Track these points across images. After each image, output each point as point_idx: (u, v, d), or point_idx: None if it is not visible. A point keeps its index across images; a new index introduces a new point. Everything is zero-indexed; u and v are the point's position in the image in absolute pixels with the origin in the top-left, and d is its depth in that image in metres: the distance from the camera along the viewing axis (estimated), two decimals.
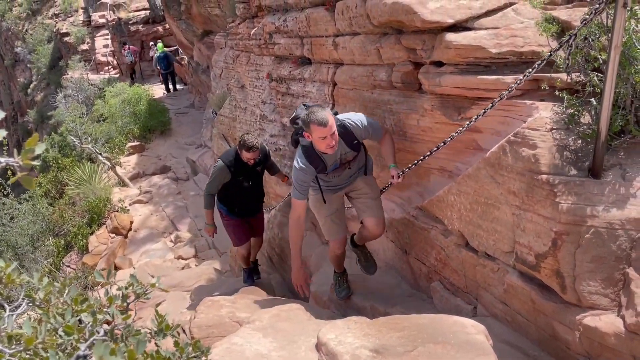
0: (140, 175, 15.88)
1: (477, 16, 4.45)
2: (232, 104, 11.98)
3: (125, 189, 14.89)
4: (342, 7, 5.83)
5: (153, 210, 13.44)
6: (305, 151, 4.63)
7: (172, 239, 12.00)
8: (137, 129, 18.18)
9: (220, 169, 6.46)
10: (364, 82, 5.72)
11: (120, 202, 13.57)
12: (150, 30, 27.94)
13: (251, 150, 6.26)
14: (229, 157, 6.52)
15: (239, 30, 10.95)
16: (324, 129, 4.30)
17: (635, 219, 3.24)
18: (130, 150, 17.40)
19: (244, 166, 6.48)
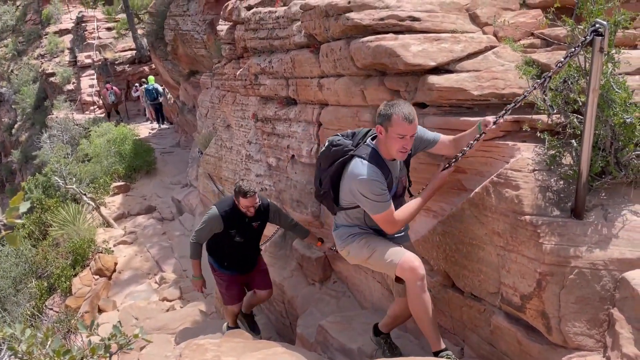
0: (125, 216, 15.78)
1: (458, 59, 4.54)
2: (218, 143, 12.01)
3: (109, 229, 14.78)
4: (326, 50, 5.91)
5: (138, 251, 13.32)
6: (372, 156, 3.90)
7: (156, 280, 11.87)
8: (122, 168, 18.12)
9: (212, 217, 5.97)
10: (349, 122, 5.76)
11: (104, 243, 13.45)
12: (136, 71, 28.12)
13: (248, 196, 5.77)
14: (224, 206, 6.03)
15: (225, 71, 11.05)
16: (408, 125, 3.69)
17: (617, 260, 3.27)
18: (115, 190, 17.31)
19: (240, 219, 5.98)
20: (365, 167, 3.82)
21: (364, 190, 3.82)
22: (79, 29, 32.33)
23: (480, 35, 4.79)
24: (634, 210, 3.46)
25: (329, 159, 4.11)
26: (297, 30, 6.73)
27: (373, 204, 3.85)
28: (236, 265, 6.36)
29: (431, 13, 4.93)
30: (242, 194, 5.78)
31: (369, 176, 3.79)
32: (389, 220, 3.93)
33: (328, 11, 5.59)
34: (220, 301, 8.72)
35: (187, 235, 13.55)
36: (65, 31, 34.02)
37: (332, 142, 4.15)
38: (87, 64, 29.87)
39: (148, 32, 21.53)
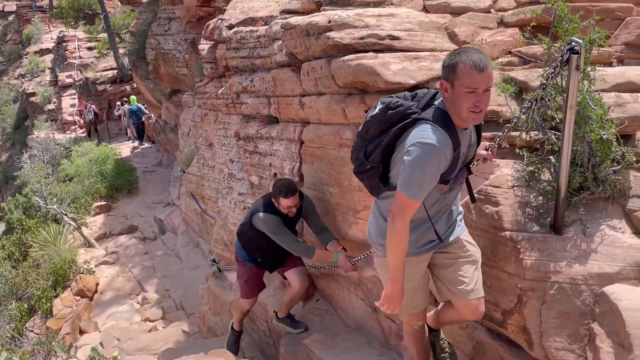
0: (107, 236, 15.65)
1: (437, 77, 4.56)
2: (200, 162, 11.98)
3: (91, 249, 14.64)
4: (307, 68, 5.94)
5: (119, 271, 13.20)
6: (442, 119, 3.03)
7: (139, 300, 11.77)
8: (103, 188, 18.01)
9: (274, 220, 5.56)
10: (331, 140, 5.78)
11: (85, 263, 13.31)
12: (117, 90, 28.05)
13: (289, 195, 5.36)
14: (267, 209, 5.63)
15: (207, 90, 11.05)
16: (479, 75, 2.85)
17: (597, 274, 3.30)
18: (96, 210, 17.19)
19: (283, 217, 5.63)
20: (437, 132, 2.96)
21: (416, 159, 2.95)
22: (60, 48, 32.24)
23: None
24: (612, 225, 3.51)
25: (382, 124, 3.24)
26: (278, 49, 6.77)
27: (409, 181, 3.00)
28: (268, 262, 6.11)
29: (410, 32, 4.98)
30: (283, 194, 5.35)
31: (439, 143, 2.94)
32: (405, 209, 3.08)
33: (309, 30, 5.63)
34: (203, 320, 8.66)
35: (169, 254, 13.50)
36: (46, 51, 33.93)
37: (389, 103, 3.23)
38: (68, 83, 29.77)
39: (129, 52, 21.54)
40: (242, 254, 6.17)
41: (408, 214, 3.08)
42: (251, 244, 6.04)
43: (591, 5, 4.66)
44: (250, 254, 6.11)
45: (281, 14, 7.05)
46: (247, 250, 6.12)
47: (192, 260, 12.36)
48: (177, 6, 17.07)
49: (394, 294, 3.31)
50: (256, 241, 5.93)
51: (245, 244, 6.11)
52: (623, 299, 3.18)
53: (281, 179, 5.64)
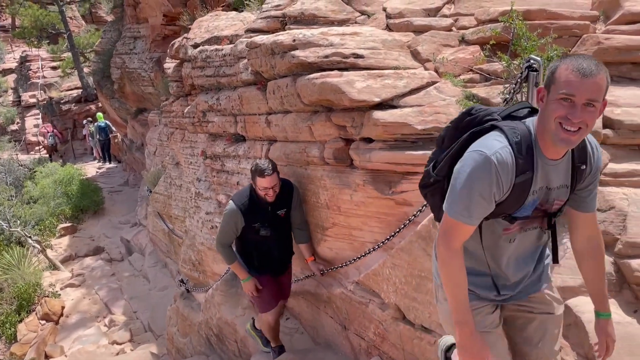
0: (73, 258, 15.41)
1: (402, 94, 4.64)
2: (167, 181, 11.90)
3: (56, 272, 14.40)
4: (273, 87, 5.96)
5: (86, 294, 13.00)
6: (521, 132, 2.46)
7: (106, 323, 11.59)
8: (69, 209, 17.76)
9: (230, 213, 5.26)
10: (297, 158, 5.80)
11: (51, 286, 13.09)
12: (82, 109, 27.74)
13: (265, 174, 5.06)
14: (241, 197, 5.31)
15: (173, 108, 11.00)
16: (580, 80, 2.23)
17: (560, 287, 3.35)
18: (61, 232, 16.93)
19: (262, 208, 5.28)
20: (501, 145, 2.41)
21: (466, 169, 2.44)
22: (23, 68, 31.86)
23: (422, 71, 4.91)
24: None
25: (458, 132, 2.68)
26: (244, 67, 6.78)
27: (454, 194, 2.50)
28: (268, 264, 5.59)
29: (374, 50, 5.04)
30: (259, 173, 5.07)
31: (496, 157, 2.38)
32: (454, 234, 2.55)
33: (274, 49, 5.66)
34: (172, 342, 8.55)
35: (136, 275, 13.34)
36: (9, 70, 33.52)
37: (471, 109, 2.72)
38: (31, 103, 29.40)
39: (94, 71, 21.34)
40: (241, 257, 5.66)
41: (453, 239, 2.54)
42: (242, 246, 5.61)
43: (549, 23, 4.77)
44: (246, 260, 5.61)
45: (246, 32, 7.07)
46: (242, 256, 5.62)
47: (160, 281, 12.23)
48: (142, 25, 17.01)
49: (466, 343, 2.61)
50: (244, 241, 5.56)
51: (238, 248, 5.63)
52: (586, 312, 3.23)
53: (261, 159, 5.37)
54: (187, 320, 8.50)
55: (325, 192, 5.42)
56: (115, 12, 20.25)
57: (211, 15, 9.71)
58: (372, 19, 6.08)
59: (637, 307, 3.36)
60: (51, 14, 28.05)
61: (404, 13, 5.70)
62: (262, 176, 5.06)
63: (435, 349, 4.12)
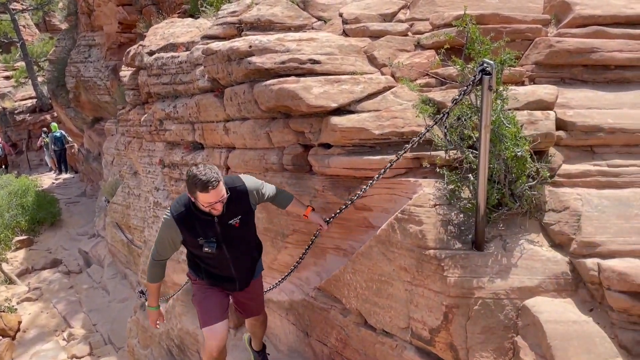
0: (29, 271, 15.04)
1: (359, 100, 4.64)
2: (125, 191, 11.71)
3: (12, 286, 14.03)
4: (230, 94, 5.92)
5: (43, 308, 12.70)
6: None
7: (64, 337, 11.34)
8: (24, 221, 17.33)
9: (166, 225, 4.21)
10: (257, 165, 5.76)
11: (6, 301, 12.75)
12: (37, 119, 27.11)
13: (209, 188, 3.88)
14: (178, 206, 4.19)
15: (130, 117, 10.85)
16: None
17: (518, 288, 3.39)
18: (17, 245, 16.50)
19: (205, 220, 4.16)
20: None
21: None
22: None
23: (378, 76, 4.93)
24: (530, 239, 3.62)
25: None
26: (200, 74, 6.72)
27: None
28: (219, 281, 4.56)
29: (331, 56, 5.04)
30: (201, 187, 3.88)
31: None
32: None
33: (230, 55, 5.62)
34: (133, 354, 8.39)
35: (95, 287, 13.10)
36: None
37: None
38: None
39: (49, 80, 20.94)
40: (190, 269, 4.71)
41: None
42: (189, 254, 4.61)
43: (502, 26, 4.84)
44: (194, 267, 4.64)
45: (202, 39, 7.01)
46: (189, 263, 4.68)
47: (120, 293, 12.02)
48: (97, 33, 16.76)
49: None
50: (190, 257, 4.62)
51: (189, 263, 4.69)
52: (544, 312, 3.27)
53: (198, 166, 4.02)
54: (147, 331, 8.36)
55: None
56: (70, 20, 19.90)
57: (167, 22, 9.62)
58: (329, 24, 6.09)
59: (592, 305, 3.41)
60: (3, 23, 27.50)
61: (360, 18, 5.72)
62: (204, 191, 3.89)
63: (396, 352, 4.13)
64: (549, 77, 4.71)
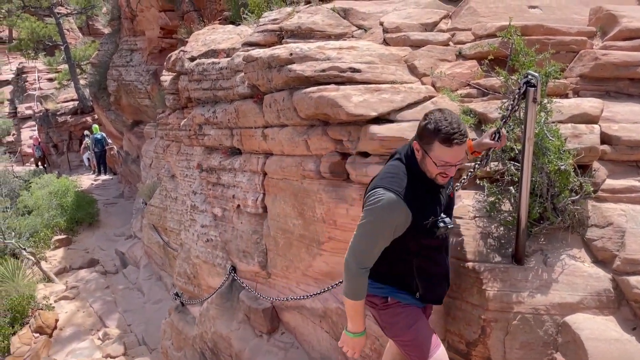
0: (67, 270, 15.30)
1: (399, 109, 4.62)
2: (162, 193, 11.85)
3: (50, 284, 14.29)
4: (269, 100, 5.95)
5: (80, 307, 12.89)
6: None
7: (99, 336, 11.48)
8: (63, 221, 17.66)
9: (389, 209, 3.05)
10: (294, 172, 5.77)
11: (45, 299, 12.98)
12: (78, 121, 27.67)
13: (452, 142, 2.95)
14: (397, 179, 3.12)
15: (169, 121, 10.97)
16: None
17: (559, 304, 3.33)
18: (56, 244, 16.82)
19: (432, 192, 3.20)
20: None
21: None
22: (20, 80, 31.84)
23: (419, 86, 4.91)
24: (572, 254, 3.56)
25: None
26: (240, 81, 6.77)
27: None
28: (439, 284, 3.43)
29: (371, 64, 5.04)
30: (443, 138, 2.96)
31: None
32: None
33: (270, 63, 5.65)
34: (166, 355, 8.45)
35: (131, 288, 13.25)
36: (5, 82, 33.51)
37: None
38: (27, 115, 29.37)
39: (90, 83, 21.34)
40: (387, 291, 3.43)
41: None
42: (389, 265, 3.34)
43: (546, 38, 4.78)
44: (398, 284, 3.40)
45: (243, 46, 7.07)
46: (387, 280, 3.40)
47: (155, 294, 12.15)
48: (139, 37, 17.03)
49: None
50: (388, 261, 3.29)
51: (383, 268, 3.34)
52: (585, 329, 3.21)
53: (443, 110, 3.07)
54: (181, 334, 8.43)
55: (321, 206, 5.39)
56: (113, 25, 20.26)
57: (208, 29, 9.72)
58: (369, 33, 6.09)
59: (635, 324, 3.34)
60: (48, 26, 28.09)
61: (401, 27, 5.70)
62: (447, 143, 2.96)
63: None
64: (594, 90, 4.63)
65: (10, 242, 14.97)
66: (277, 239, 6.23)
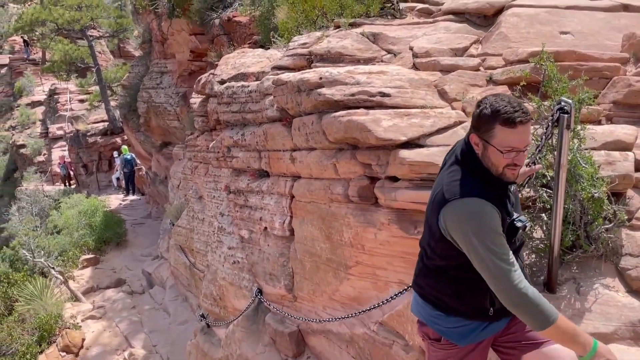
0: (94, 289, 15.42)
1: (429, 134, 4.61)
2: (189, 214, 11.92)
3: (77, 303, 14.40)
4: (298, 124, 5.97)
5: (106, 326, 12.96)
6: None
7: (125, 356, 11.51)
8: (92, 241, 17.84)
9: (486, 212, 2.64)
10: (322, 195, 5.77)
11: (72, 318, 13.07)
12: (108, 142, 28.06)
13: (516, 122, 2.60)
14: (471, 183, 2.74)
15: (198, 143, 11.07)
16: None
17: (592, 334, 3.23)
18: (84, 263, 16.97)
19: (502, 190, 2.79)
20: None
21: None
22: (52, 100, 32.45)
23: (449, 111, 4.89)
24: (606, 283, 3.49)
25: None
26: (269, 104, 6.81)
27: None
28: None
29: (401, 89, 5.04)
30: (504, 119, 2.61)
31: None
32: None
33: (300, 86, 5.68)
34: None
35: (157, 309, 13.29)
36: (38, 103, 34.17)
37: None
38: (58, 135, 29.85)
39: (121, 104, 21.67)
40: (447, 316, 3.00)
41: None
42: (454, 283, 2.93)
43: (579, 64, 4.74)
44: (468, 302, 2.92)
45: (272, 70, 7.12)
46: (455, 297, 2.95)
47: (180, 315, 12.17)
48: (169, 60, 17.28)
49: None
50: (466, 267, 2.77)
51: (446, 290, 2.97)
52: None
53: (493, 95, 2.73)
54: (207, 355, 8.41)
55: (349, 230, 5.38)
56: (144, 47, 20.61)
57: (238, 52, 9.82)
58: (399, 57, 6.10)
59: None
60: (81, 49, 28.66)
61: (431, 52, 5.71)
62: (510, 125, 2.61)
63: None
64: (628, 117, 4.57)
65: (39, 261, 15.16)
66: (303, 262, 6.22)
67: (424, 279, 3.09)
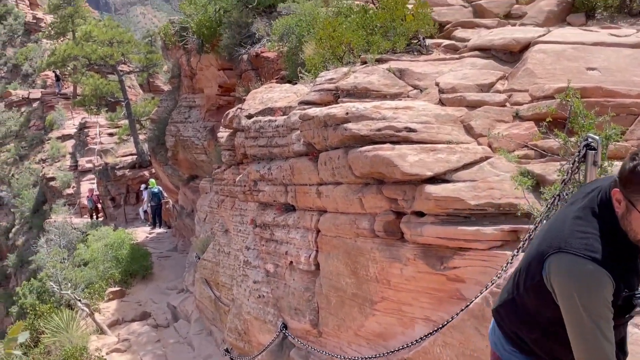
0: (120, 322, 15.45)
1: (454, 169, 4.62)
2: (215, 248, 11.97)
3: (103, 336, 14.44)
4: (324, 158, 6.02)
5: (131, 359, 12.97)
6: None
7: None
8: (118, 273, 17.95)
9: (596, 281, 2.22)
10: (347, 230, 5.78)
11: (97, 351, 13.09)
12: (136, 175, 28.39)
13: None
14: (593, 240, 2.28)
15: (224, 176, 11.17)
16: None
17: None
18: (110, 295, 17.04)
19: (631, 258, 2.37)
20: None
21: None
22: (82, 134, 33.01)
23: (475, 146, 4.90)
24: (635, 322, 3.43)
25: None
26: (296, 138, 6.88)
27: None
28: None
29: (427, 124, 5.07)
30: None
31: None
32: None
33: (326, 121, 5.74)
34: None
35: (181, 342, 13.26)
36: (68, 136, 34.74)
37: None
38: (87, 168, 30.29)
39: (149, 138, 21.99)
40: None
41: None
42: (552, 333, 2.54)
43: (606, 100, 4.73)
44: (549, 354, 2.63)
45: (299, 104, 7.20)
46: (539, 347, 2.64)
47: (205, 349, 12.13)
48: (197, 95, 17.54)
49: None
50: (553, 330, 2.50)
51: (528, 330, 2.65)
52: None
53: None
54: None
55: (374, 265, 5.37)
56: (172, 82, 20.97)
57: (265, 87, 9.95)
58: (425, 93, 6.14)
59: None
60: (111, 83, 29.21)
61: (457, 88, 5.73)
62: None
63: None
64: None
65: (66, 293, 15.26)
66: (329, 297, 6.20)
67: (508, 313, 2.74)
